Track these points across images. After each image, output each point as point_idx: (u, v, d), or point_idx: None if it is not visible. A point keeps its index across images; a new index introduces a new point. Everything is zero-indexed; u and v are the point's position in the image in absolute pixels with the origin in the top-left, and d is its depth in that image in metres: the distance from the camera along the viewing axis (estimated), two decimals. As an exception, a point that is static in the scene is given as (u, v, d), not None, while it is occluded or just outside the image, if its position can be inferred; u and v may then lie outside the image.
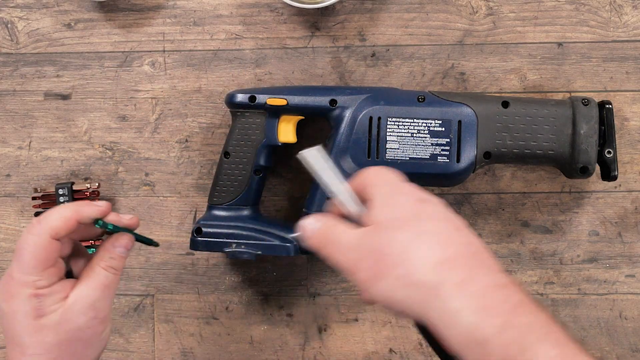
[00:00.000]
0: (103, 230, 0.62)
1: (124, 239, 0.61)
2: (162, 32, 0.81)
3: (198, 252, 0.81)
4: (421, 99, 0.72)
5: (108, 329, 0.61)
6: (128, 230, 0.62)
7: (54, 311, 0.57)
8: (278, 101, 0.73)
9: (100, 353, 0.61)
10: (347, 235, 0.54)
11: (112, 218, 0.61)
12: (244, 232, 0.74)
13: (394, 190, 0.55)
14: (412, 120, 0.72)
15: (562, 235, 0.80)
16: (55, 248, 0.57)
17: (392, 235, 0.51)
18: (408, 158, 0.72)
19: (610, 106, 0.73)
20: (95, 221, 0.59)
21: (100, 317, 0.59)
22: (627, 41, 0.79)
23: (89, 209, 0.59)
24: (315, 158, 0.57)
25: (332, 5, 0.79)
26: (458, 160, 0.71)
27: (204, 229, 0.74)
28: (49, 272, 0.57)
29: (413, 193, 0.55)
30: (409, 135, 0.72)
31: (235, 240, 0.73)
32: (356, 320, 0.81)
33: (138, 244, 0.65)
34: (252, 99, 0.74)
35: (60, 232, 0.57)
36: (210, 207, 0.76)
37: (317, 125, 0.81)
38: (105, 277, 0.59)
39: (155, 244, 0.67)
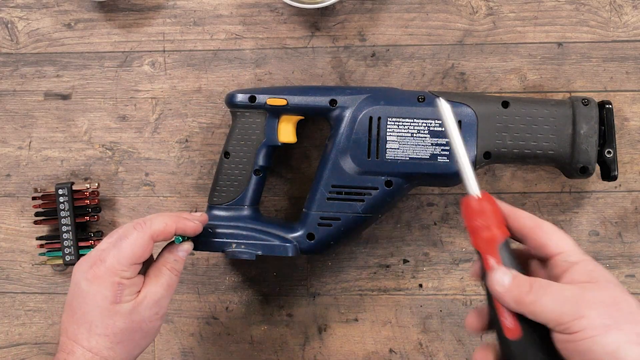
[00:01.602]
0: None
1: (186, 244, 0.69)
2: (162, 32, 0.81)
3: (198, 252, 0.81)
4: (421, 99, 0.72)
5: (160, 325, 0.67)
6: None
7: (128, 301, 0.64)
8: (278, 101, 0.73)
9: (149, 345, 0.67)
10: (556, 285, 0.53)
11: (191, 226, 0.69)
12: (244, 232, 0.74)
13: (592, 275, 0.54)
14: (412, 120, 0.72)
15: (562, 235, 0.80)
16: (150, 249, 0.65)
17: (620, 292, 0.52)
18: (408, 158, 0.72)
19: (610, 106, 0.73)
20: (177, 237, 0.68)
21: (160, 314, 0.66)
22: (627, 41, 0.79)
23: (187, 225, 0.68)
24: (450, 111, 0.57)
25: (332, 5, 0.79)
26: (458, 160, 0.71)
27: (203, 229, 0.74)
28: (135, 267, 0.64)
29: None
30: (409, 135, 0.72)
31: (235, 240, 0.73)
32: (356, 320, 0.81)
33: None
34: (252, 99, 0.74)
35: (159, 236, 0.65)
36: (210, 207, 0.76)
37: (317, 125, 0.81)
38: (169, 277, 0.67)
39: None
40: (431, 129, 0.72)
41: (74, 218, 0.80)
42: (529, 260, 0.58)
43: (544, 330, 0.52)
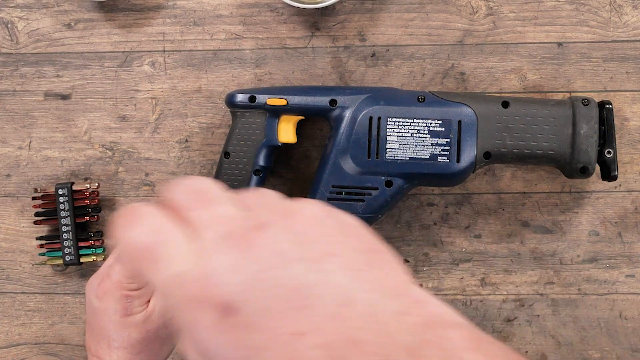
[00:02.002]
0: None
1: None
2: (162, 32, 0.81)
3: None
4: (421, 99, 0.72)
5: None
6: None
7: (139, 312, 0.64)
8: (278, 101, 0.73)
9: (172, 350, 0.68)
10: (180, 261, 0.33)
11: None
12: (244, 232, 0.74)
13: None
14: (412, 120, 0.72)
15: (562, 235, 0.80)
16: None
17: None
18: (408, 158, 0.72)
19: (610, 106, 0.73)
20: None
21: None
22: (627, 41, 0.79)
23: None
24: None
25: (332, 5, 0.79)
26: (458, 160, 0.71)
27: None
28: (141, 277, 0.63)
29: None
30: (409, 135, 0.72)
31: (235, 240, 0.73)
32: (356, 320, 0.81)
33: None
34: (252, 99, 0.74)
35: None
36: (210, 207, 0.76)
37: (317, 125, 0.81)
38: None
39: None
40: (431, 129, 0.72)
41: (74, 218, 0.80)
42: None
43: None
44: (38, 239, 0.82)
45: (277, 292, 0.32)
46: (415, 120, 0.72)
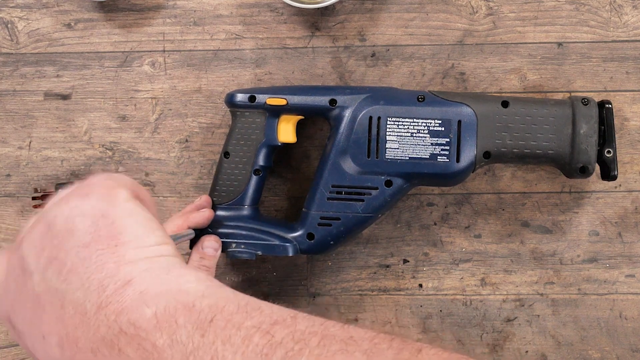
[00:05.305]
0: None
1: (209, 241, 0.71)
2: (162, 32, 0.81)
3: (198, 252, 0.82)
4: (421, 98, 0.72)
5: None
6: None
7: None
8: (278, 101, 0.73)
9: None
10: None
11: (201, 216, 0.72)
12: (244, 232, 0.74)
13: None
14: (412, 120, 0.72)
15: (562, 235, 0.80)
16: None
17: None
18: (408, 158, 0.72)
19: (610, 106, 0.73)
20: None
21: None
22: (627, 41, 0.79)
23: (197, 219, 0.71)
24: None
25: (332, 5, 0.79)
26: (458, 160, 0.71)
27: (204, 229, 0.74)
28: None
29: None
30: (409, 135, 0.72)
31: (235, 240, 0.73)
32: (356, 320, 0.81)
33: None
34: (252, 98, 0.74)
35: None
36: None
37: (317, 125, 0.81)
38: None
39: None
40: (431, 128, 0.72)
41: (74, 218, 0.80)
42: None
43: None
44: (38, 239, 0.82)
45: (26, 303, 0.41)
46: (415, 120, 0.72)
